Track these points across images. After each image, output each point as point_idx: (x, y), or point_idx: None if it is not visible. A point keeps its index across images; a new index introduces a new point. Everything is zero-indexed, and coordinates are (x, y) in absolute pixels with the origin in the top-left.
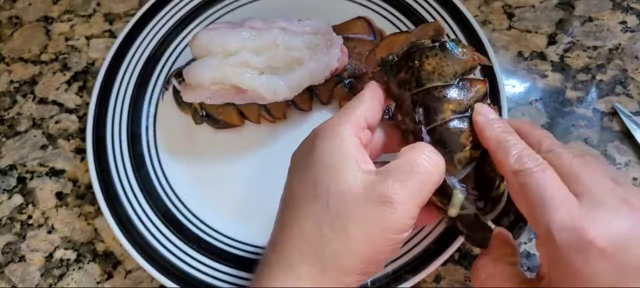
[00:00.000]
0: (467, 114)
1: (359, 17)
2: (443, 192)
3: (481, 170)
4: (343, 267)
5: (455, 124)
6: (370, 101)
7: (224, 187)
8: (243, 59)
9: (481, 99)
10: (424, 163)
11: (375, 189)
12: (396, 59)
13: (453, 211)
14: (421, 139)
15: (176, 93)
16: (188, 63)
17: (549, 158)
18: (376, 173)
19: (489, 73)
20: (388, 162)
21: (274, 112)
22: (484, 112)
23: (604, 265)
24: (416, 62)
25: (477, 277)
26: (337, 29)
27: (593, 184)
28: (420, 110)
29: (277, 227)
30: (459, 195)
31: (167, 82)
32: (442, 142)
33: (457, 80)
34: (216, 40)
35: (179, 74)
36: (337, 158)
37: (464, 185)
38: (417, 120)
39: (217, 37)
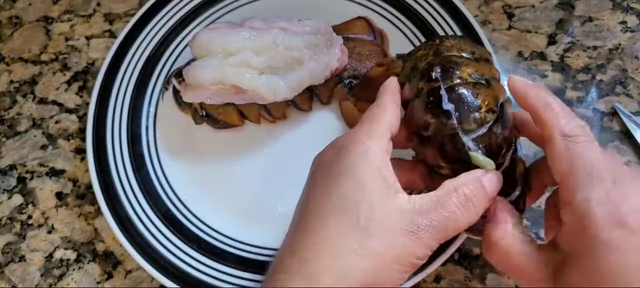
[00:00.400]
0: (484, 82)
1: (359, 17)
2: (456, 156)
3: (492, 135)
4: (366, 283)
5: (473, 84)
6: (392, 108)
7: (224, 187)
8: (243, 59)
9: (498, 79)
10: (454, 209)
11: (406, 218)
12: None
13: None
14: (438, 107)
15: (176, 93)
16: (188, 63)
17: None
18: (408, 201)
19: None
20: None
21: (274, 112)
22: (521, 79)
23: (635, 243)
24: (436, 40)
25: (489, 243)
26: (337, 29)
27: (615, 162)
28: (438, 68)
29: (297, 232)
30: (477, 156)
31: (167, 82)
32: (459, 99)
33: (474, 57)
34: (216, 40)
35: (179, 74)
36: (368, 176)
37: (477, 145)
38: (433, 77)
39: (217, 37)
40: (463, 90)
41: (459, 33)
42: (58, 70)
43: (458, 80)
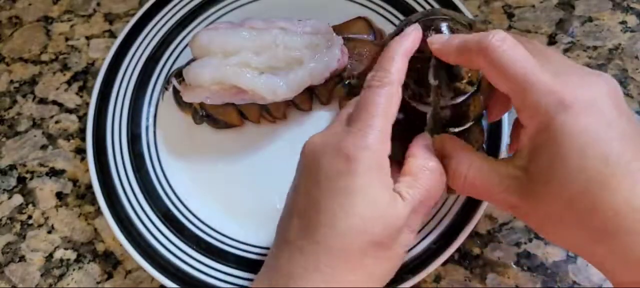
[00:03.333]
0: None
1: (359, 17)
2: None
3: (463, 106)
4: (384, 281)
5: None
6: (397, 96)
7: (224, 187)
8: (243, 59)
9: None
10: (430, 186)
11: (406, 220)
12: None
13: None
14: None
15: (176, 93)
16: (188, 63)
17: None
18: (404, 205)
19: None
20: None
21: (274, 112)
22: (438, 38)
23: (586, 120)
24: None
25: (451, 171)
26: (337, 29)
27: (554, 56)
28: (432, 32)
29: (313, 245)
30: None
31: (167, 82)
32: (446, 66)
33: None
34: (216, 40)
35: (179, 74)
36: (380, 194)
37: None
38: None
39: (217, 37)
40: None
41: None
42: (58, 70)
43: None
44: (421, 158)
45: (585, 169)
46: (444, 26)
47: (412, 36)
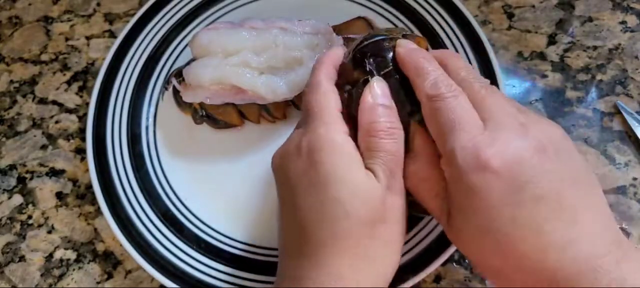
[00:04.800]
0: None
1: (359, 17)
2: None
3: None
4: (392, 265)
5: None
6: (331, 91)
7: (224, 187)
8: (243, 59)
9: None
10: (386, 143)
11: (382, 186)
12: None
13: None
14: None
15: (176, 93)
16: (188, 63)
17: (463, 87)
18: (373, 176)
19: (489, 73)
20: None
21: (274, 112)
22: (404, 44)
23: (497, 183)
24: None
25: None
26: (337, 29)
27: (497, 110)
28: (371, 60)
29: (309, 246)
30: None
31: (167, 82)
32: (396, 88)
33: (401, 35)
34: (216, 40)
35: (179, 74)
36: (349, 172)
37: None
38: (368, 70)
39: (217, 37)
40: (396, 79)
41: (459, 33)
42: (58, 70)
43: (392, 67)
44: (365, 126)
45: (493, 231)
46: (379, 47)
47: (333, 50)
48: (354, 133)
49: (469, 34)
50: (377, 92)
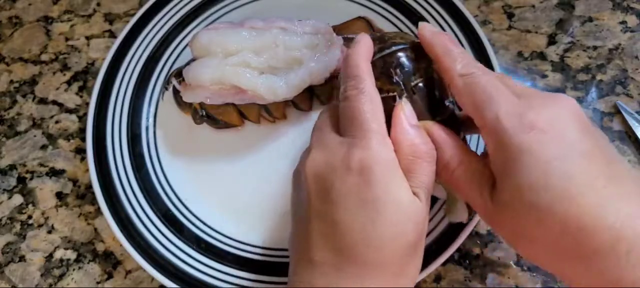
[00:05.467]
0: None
1: (359, 17)
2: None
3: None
4: (417, 274)
5: (433, 77)
6: (378, 97)
7: (224, 187)
8: (243, 59)
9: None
10: (429, 172)
11: (426, 210)
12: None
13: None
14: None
15: (176, 93)
16: (188, 63)
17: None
18: (415, 195)
19: None
20: None
21: (274, 112)
22: (428, 27)
23: (547, 138)
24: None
25: (442, 162)
26: (337, 29)
27: (519, 87)
28: (397, 70)
29: (354, 268)
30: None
31: (167, 82)
32: (422, 98)
33: (410, 41)
34: (216, 40)
35: (179, 74)
36: (400, 194)
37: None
38: (395, 81)
39: (217, 37)
40: (425, 88)
41: (459, 33)
42: (58, 70)
43: (418, 79)
44: (409, 149)
45: (550, 188)
46: (403, 57)
47: (364, 40)
48: None
49: (469, 34)
50: (409, 112)
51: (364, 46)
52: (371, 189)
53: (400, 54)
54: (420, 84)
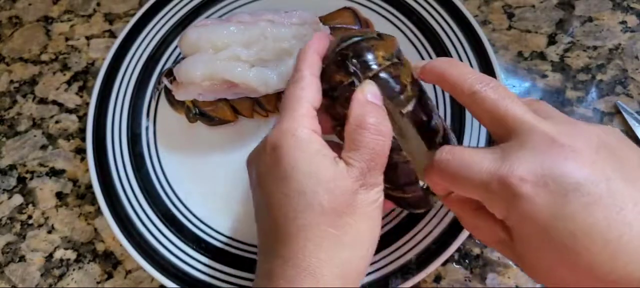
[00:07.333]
0: (395, 60)
1: (345, 8)
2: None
3: (423, 104)
4: (361, 261)
5: (391, 68)
6: (310, 81)
7: (224, 187)
8: (233, 53)
9: (398, 49)
10: (372, 140)
11: (354, 180)
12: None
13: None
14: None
15: (168, 92)
16: (178, 61)
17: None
18: (348, 168)
19: (489, 73)
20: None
21: (267, 105)
22: (420, 64)
23: (540, 197)
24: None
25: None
26: (324, 20)
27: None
28: (354, 60)
29: (278, 244)
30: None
31: (158, 81)
32: (385, 86)
33: (376, 34)
34: (205, 37)
35: (169, 73)
36: (311, 165)
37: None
38: (352, 71)
39: (206, 33)
40: (384, 77)
41: (459, 33)
42: (58, 70)
43: (377, 68)
44: (355, 119)
45: (555, 249)
46: (360, 48)
47: (318, 35)
48: (340, 130)
49: (469, 34)
50: (371, 90)
51: (316, 40)
52: (280, 165)
53: (358, 45)
54: (382, 74)
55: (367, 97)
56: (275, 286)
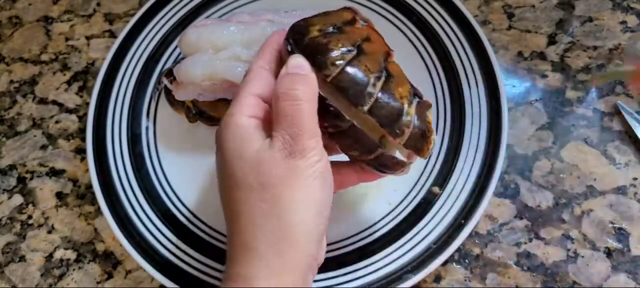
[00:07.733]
0: (330, 30)
1: (345, 8)
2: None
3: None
4: (301, 220)
5: (323, 37)
6: (259, 74)
7: None
8: (233, 53)
9: (347, 21)
10: (292, 110)
11: (280, 150)
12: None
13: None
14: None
15: (168, 92)
16: (178, 61)
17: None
18: (271, 142)
19: (489, 73)
20: None
21: None
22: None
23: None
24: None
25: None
26: None
27: None
28: (290, 40)
29: (227, 224)
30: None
31: (158, 82)
32: (312, 55)
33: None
34: (205, 37)
35: (169, 73)
36: (240, 146)
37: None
38: (289, 50)
39: (206, 34)
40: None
41: (459, 33)
42: (58, 70)
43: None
44: (273, 94)
45: None
46: (296, 25)
47: (278, 32)
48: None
49: (469, 34)
50: (291, 63)
51: (275, 35)
52: (219, 152)
53: (296, 26)
54: (311, 44)
55: (286, 70)
56: (228, 268)
